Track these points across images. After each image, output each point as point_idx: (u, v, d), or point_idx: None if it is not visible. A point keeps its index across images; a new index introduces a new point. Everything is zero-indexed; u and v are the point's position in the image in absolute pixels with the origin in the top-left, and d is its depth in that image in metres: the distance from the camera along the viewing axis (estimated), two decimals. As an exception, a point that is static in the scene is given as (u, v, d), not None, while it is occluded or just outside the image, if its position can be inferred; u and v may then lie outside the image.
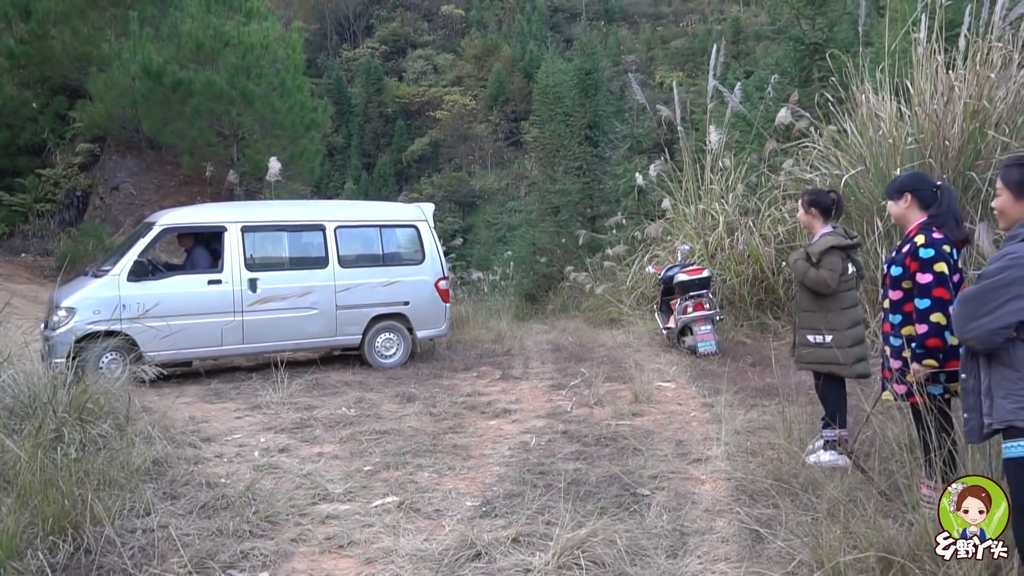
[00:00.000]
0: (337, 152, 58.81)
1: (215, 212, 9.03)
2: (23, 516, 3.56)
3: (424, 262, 9.38)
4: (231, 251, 8.29)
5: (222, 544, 3.79)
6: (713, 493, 4.42)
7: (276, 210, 9.51)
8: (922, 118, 7.58)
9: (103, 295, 7.60)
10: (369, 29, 73.41)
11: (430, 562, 3.60)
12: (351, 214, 9.60)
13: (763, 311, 9.96)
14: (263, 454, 5.43)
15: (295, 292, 8.51)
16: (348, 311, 8.79)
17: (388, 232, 9.42)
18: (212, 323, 8.04)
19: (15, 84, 16.01)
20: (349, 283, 8.82)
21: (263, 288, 8.33)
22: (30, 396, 4.79)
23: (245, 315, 8.22)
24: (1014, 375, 2.62)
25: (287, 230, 8.92)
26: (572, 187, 18.62)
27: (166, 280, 8.03)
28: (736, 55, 45.10)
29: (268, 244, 8.82)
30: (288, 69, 15.57)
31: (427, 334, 9.46)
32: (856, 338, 4.77)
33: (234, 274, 8.24)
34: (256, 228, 8.63)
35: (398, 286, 9.13)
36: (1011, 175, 2.80)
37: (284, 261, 8.82)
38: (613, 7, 77.91)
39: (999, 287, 2.61)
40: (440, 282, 9.44)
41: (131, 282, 7.73)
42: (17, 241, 15.39)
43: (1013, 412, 2.60)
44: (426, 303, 9.31)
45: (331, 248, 8.82)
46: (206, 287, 8.14)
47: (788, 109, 10.45)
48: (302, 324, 8.55)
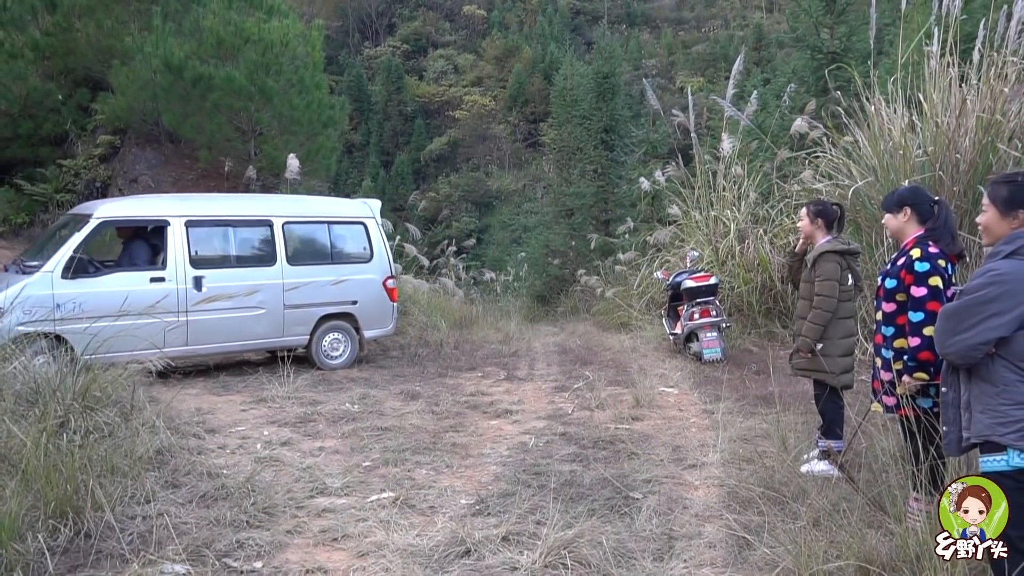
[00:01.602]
0: (356, 149, 59.14)
1: (157, 205, 8.44)
2: (26, 499, 3.66)
3: (372, 260, 9.15)
4: (175, 247, 7.80)
5: (219, 533, 3.88)
6: (705, 499, 4.46)
7: (221, 204, 8.91)
8: (933, 131, 7.57)
9: (34, 293, 6.94)
10: (391, 27, 73.75)
11: (420, 557, 3.67)
12: (299, 209, 9.26)
13: (771, 320, 9.98)
14: (265, 447, 5.52)
15: (242, 291, 8.06)
16: (296, 310, 8.48)
17: (336, 229, 9.13)
18: (154, 324, 7.26)
19: (39, 75, 16.21)
20: (297, 281, 8.50)
21: (209, 286, 7.86)
22: (38, 383, 4.90)
23: (190, 315, 7.76)
24: (992, 390, 2.65)
25: (233, 225, 8.43)
26: (587, 190, 18.65)
27: (104, 277, 7.39)
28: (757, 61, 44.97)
29: (214, 240, 8.32)
30: (307, 66, 15.68)
31: (374, 334, 9.24)
32: (846, 348, 4.81)
33: (178, 271, 7.76)
34: (201, 223, 8.13)
35: (346, 284, 8.87)
36: (998, 192, 2.83)
37: (230, 258, 8.35)
38: (635, 11, 77.85)
39: (980, 303, 2.64)
40: (388, 280, 9.23)
41: (65, 279, 7.10)
42: (37, 230, 15.56)
43: (990, 427, 2.63)
44: (374, 302, 9.09)
45: (279, 245, 8.46)
46: (148, 285, 7.57)
47: (803, 119, 10.45)
48: (248, 324, 8.17)
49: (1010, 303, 2.61)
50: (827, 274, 4.79)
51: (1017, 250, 2.69)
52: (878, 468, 4.00)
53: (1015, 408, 2.61)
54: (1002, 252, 2.69)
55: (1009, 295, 2.62)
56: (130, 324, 6.91)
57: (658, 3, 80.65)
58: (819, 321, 4.77)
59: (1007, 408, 2.62)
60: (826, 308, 4.76)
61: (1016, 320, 2.61)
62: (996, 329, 2.60)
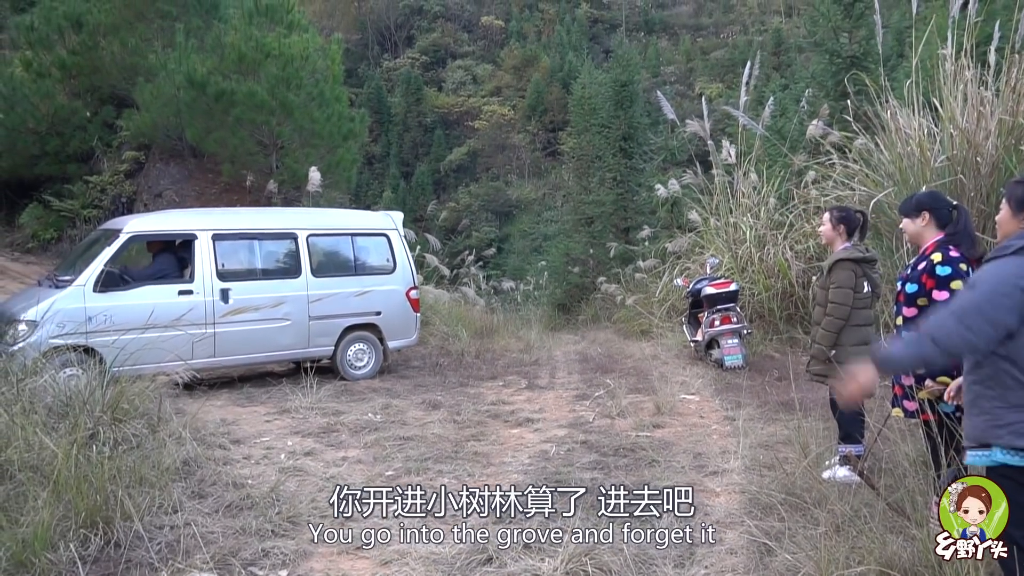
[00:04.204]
0: (376, 161, 59.58)
1: (185, 219, 8.63)
2: (57, 510, 3.74)
3: (395, 271, 9.22)
4: (202, 260, 7.93)
5: (245, 542, 3.94)
6: (726, 505, 4.46)
7: (247, 217, 9.06)
8: (954, 134, 7.53)
9: (67, 307, 7.10)
10: (410, 40, 74.29)
11: (443, 565, 3.71)
12: (323, 222, 9.42)
13: (793, 325, 9.93)
14: (289, 457, 5.58)
15: (268, 303, 8.21)
16: (321, 321, 8.56)
17: (360, 240, 9.24)
18: (182, 336, 7.43)
19: (66, 94, 16.56)
20: (322, 293, 8.59)
21: (235, 299, 8.00)
22: (68, 396, 5.00)
23: (217, 327, 7.87)
24: (990, 393, 2.66)
25: (259, 238, 8.56)
26: (606, 198, 18.67)
27: (135, 291, 7.51)
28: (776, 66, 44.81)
29: (240, 253, 8.44)
30: (327, 80, 15.86)
31: (397, 344, 9.30)
32: (860, 355, 4.78)
33: (205, 284, 7.88)
34: (227, 236, 8.25)
35: (370, 296, 8.95)
36: (1014, 191, 2.85)
37: (256, 270, 8.47)
38: (653, 18, 77.89)
39: (999, 295, 2.61)
40: (411, 291, 9.31)
41: (98, 293, 7.26)
42: (64, 245, 15.86)
43: (985, 430, 2.66)
44: (397, 313, 9.16)
45: (303, 257, 8.55)
46: (176, 298, 7.71)
47: (818, 123, 10.43)
48: (274, 336, 8.26)
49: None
50: (841, 282, 4.79)
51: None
52: (899, 473, 3.98)
53: (1010, 411, 2.62)
54: (1012, 247, 2.69)
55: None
56: (159, 336, 7.13)
57: (676, 10, 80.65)
58: (832, 328, 4.77)
59: (1002, 411, 2.63)
60: (839, 316, 4.76)
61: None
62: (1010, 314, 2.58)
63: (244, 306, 8.02)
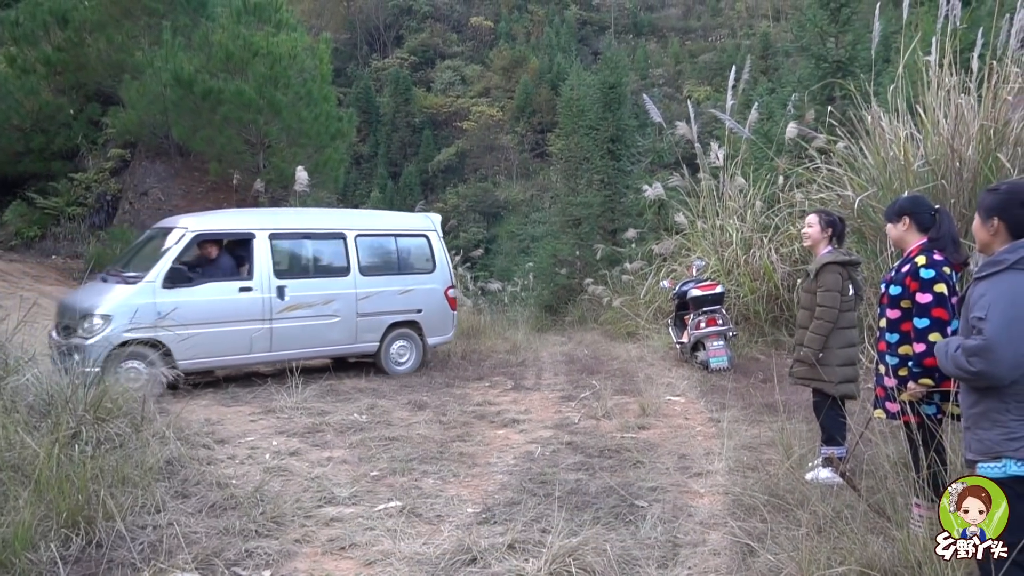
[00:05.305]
0: (364, 161, 59.44)
1: (243, 219, 8.99)
2: (39, 509, 3.71)
3: (435, 271, 9.63)
4: (260, 258, 8.29)
5: (228, 542, 3.92)
6: (709, 507, 4.49)
7: (300, 218, 9.48)
8: (934, 140, 7.59)
9: (139, 302, 7.46)
10: (399, 39, 74.17)
11: (427, 565, 3.71)
12: (369, 223, 9.76)
13: (778, 328, 9.99)
14: (274, 457, 5.56)
15: (320, 300, 8.57)
16: (368, 318, 8.93)
17: (402, 241, 9.62)
18: (242, 331, 8.04)
19: (51, 90, 16.44)
20: (369, 291, 8.96)
21: (290, 295, 8.37)
22: (50, 394, 4.97)
23: (273, 323, 8.24)
24: (1002, 407, 2.66)
25: (311, 238, 8.96)
26: (594, 200, 18.69)
27: (200, 287, 7.88)
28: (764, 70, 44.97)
29: (294, 252, 8.86)
30: (315, 79, 15.83)
31: (436, 341, 9.66)
32: (846, 359, 4.83)
33: (263, 281, 8.25)
34: (283, 235, 8.66)
35: (412, 294, 9.32)
36: (983, 200, 2.90)
37: (309, 269, 8.87)
38: (642, 21, 78.10)
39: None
40: (449, 290, 9.70)
41: (166, 289, 7.62)
42: (48, 243, 15.76)
43: (999, 443, 2.65)
44: (437, 310, 9.55)
45: (352, 256, 8.93)
46: (237, 294, 8.11)
47: (798, 125, 10.53)
48: (324, 332, 8.62)
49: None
50: (829, 285, 4.82)
51: (1021, 260, 2.71)
52: (880, 475, 4.01)
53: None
54: (1006, 261, 2.70)
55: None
56: (222, 331, 7.85)
57: (665, 13, 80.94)
58: (821, 332, 4.80)
59: (1017, 424, 2.65)
60: (828, 319, 4.79)
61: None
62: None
63: (298, 303, 8.42)
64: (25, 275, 13.62)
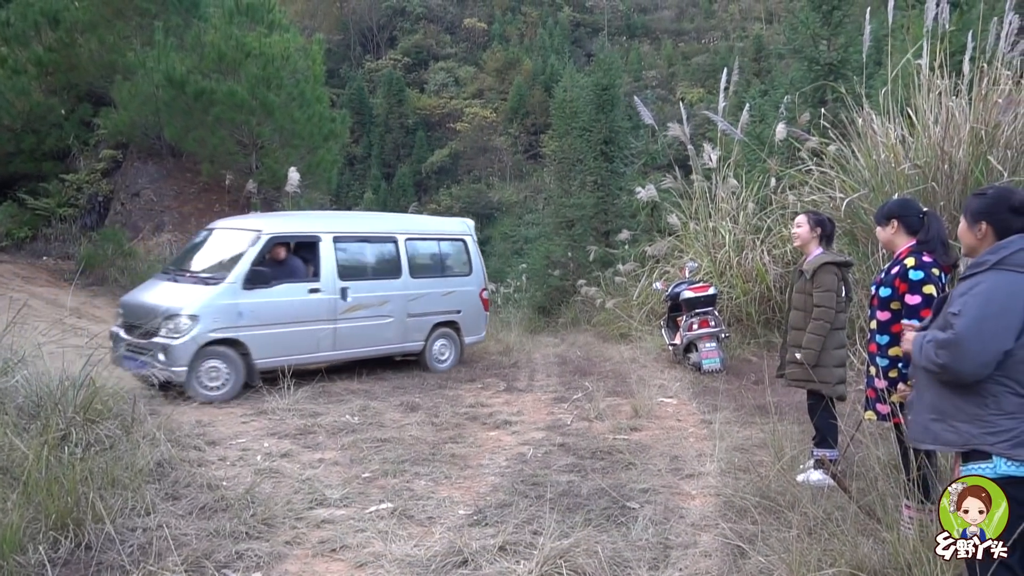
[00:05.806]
0: (357, 162, 59.33)
1: (309, 222, 9.40)
2: (27, 512, 3.69)
3: (471, 273, 10.11)
4: (326, 261, 8.56)
5: (218, 544, 3.91)
6: (701, 508, 4.49)
7: (358, 221, 10.03)
8: (924, 143, 7.63)
9: (223, 303, 7.70)
10: (392, 41, 74.07)
11: (418, 567, 3.70)
12: (416, 226, 10.17)
13: (770, 330, 10.01)
14: (265, 458, 5.54)
15: (376, 300, 8.91)
16: (416, 319, 9.34)
17: (444, 244, 10.10)
18: (311, 331, 8.33)
19: (42, 91, 16.35)
20: (417, 293, 9.36)
21: (352, 296, 8.65)
22: (40, 396, 4.94)
23: (337, 323, 8.53)
24: (979, 400, 2.65)
25: (368, 241, 9.30)
26: (587, 201, 18.71)
27: (276, 289, 8.10)
28: (757, 72, 45.13)
29: (354, 254, 9.12)
30: (308, 80, 15.82)
31: (471, 340, 10.10)
32: (839, 359, 4.85)
33: (329, 283, 8.52)
34: (344, 238, 8.94)
35: (453, 296, 9.77)
36: (970, 204, 2.89)
37: (367, 271, 9.16)
38: (635, 23, 78.22)
39: (993, 316, 2.62)
40: (483, 292, 10.20)
41: (245, 290, 7.84)
42: (40, 244, 15.68)
43: (979, 436, 2.63)
44: (473, 311, 10.03)
45: (403, 259, 9.30)
46: (307, 295, 8.37)
47: (787, 127, 10.59)
48: (380, 331, 8.97)
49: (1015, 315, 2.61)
50: (827, 285, 4.83)
51: (1002, 260, 2.71)
52: (871, 477, 4.03)
53: (1005, 418, 2.62)
54: (988, 262, 2.71)
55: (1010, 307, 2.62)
56: (294, 331, 8.16)
57: (658, 15, 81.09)
58: (820, 332, 4.81)
59: (996, 418, 2.63)
60: (826, 319, 4.81)
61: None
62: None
63: (359, 303, 8.74)
64: (16, 276, 13.54)
